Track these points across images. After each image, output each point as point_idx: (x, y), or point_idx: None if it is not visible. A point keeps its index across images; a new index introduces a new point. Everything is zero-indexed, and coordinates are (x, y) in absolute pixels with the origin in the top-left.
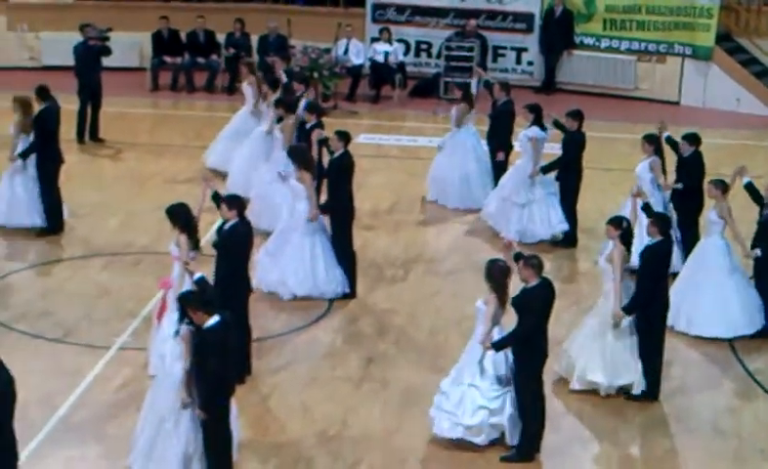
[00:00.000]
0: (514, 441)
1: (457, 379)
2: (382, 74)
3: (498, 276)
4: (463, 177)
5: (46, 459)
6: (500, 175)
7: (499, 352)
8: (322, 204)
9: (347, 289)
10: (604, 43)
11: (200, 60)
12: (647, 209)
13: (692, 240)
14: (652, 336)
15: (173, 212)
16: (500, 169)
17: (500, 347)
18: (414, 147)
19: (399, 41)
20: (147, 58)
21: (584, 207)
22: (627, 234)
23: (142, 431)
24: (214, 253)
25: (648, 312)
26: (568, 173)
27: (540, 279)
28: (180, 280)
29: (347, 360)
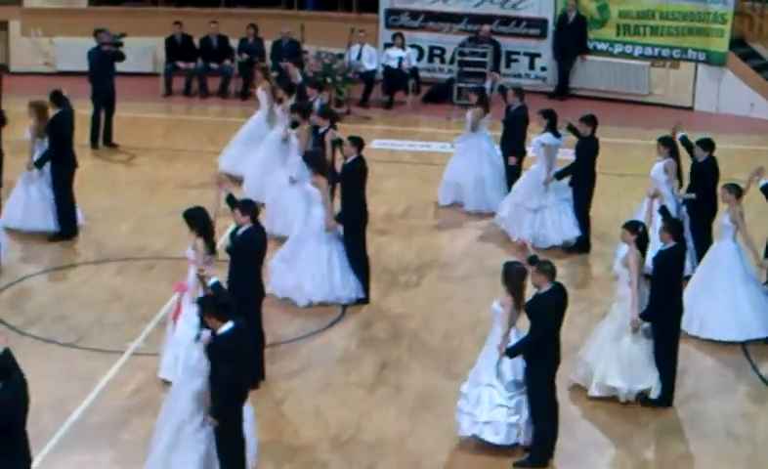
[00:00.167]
0: (529, 440)
1: (475, 380)
2: (395, 80)
3: (516, 278)
4: (478, 180)
5: (59, 464)
6: (514, 180)
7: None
8: (337, 215)
9: (361, 294)
10: (617, 48)
11: (214, 65)
12: (664, 212)
13: (705, 246)
14: (666, 341)
15: (190, 216)
16: (514, 174)
17: (514, 354)
18: (427, 152)
19: (412, 46)
20: (160, 63)
21: (598, 212)
22: (643, 239)
23: (160, 435)
24: (227, 258)
25: (662, 317)
26: (581, 178)
27: (553, 285)
28: (196, 284)
29: (361, 365)
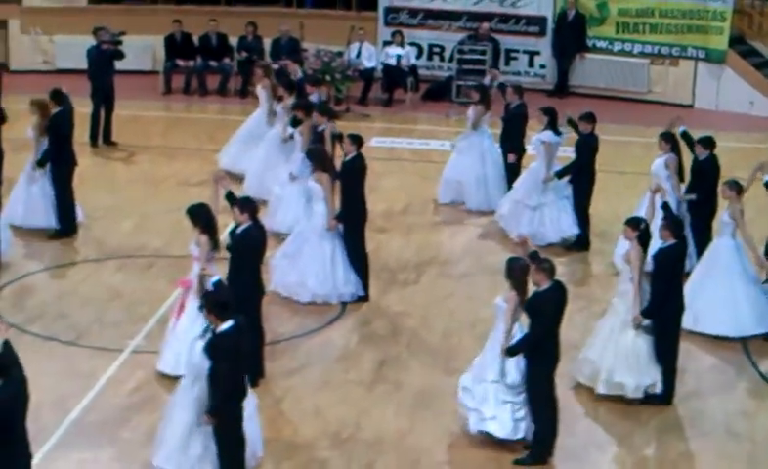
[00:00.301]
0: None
1: (479, 376)
2: (394, 77)
3: (519, 274)
4: (479, 178)
5: (58, 462)
6: (513, 178)
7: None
8: (337, 214)
9: (360, 292)
10: (617, 46)
11: (213, 63)
12: (666, 208)
13: (704, 244)
14: (666, 339)
15: (194, 212)
16: (513, 172)
17: (513, 352)
18: (427, 150)
19: (411, 44)
20: (159, 61)
21: (597, 210)
22: (645, 236)
23: (171, 430)
24: (227, 256)
25: (662, 314)
26: (581, 176)
27: (552, 283)
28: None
29: (360, 362)
